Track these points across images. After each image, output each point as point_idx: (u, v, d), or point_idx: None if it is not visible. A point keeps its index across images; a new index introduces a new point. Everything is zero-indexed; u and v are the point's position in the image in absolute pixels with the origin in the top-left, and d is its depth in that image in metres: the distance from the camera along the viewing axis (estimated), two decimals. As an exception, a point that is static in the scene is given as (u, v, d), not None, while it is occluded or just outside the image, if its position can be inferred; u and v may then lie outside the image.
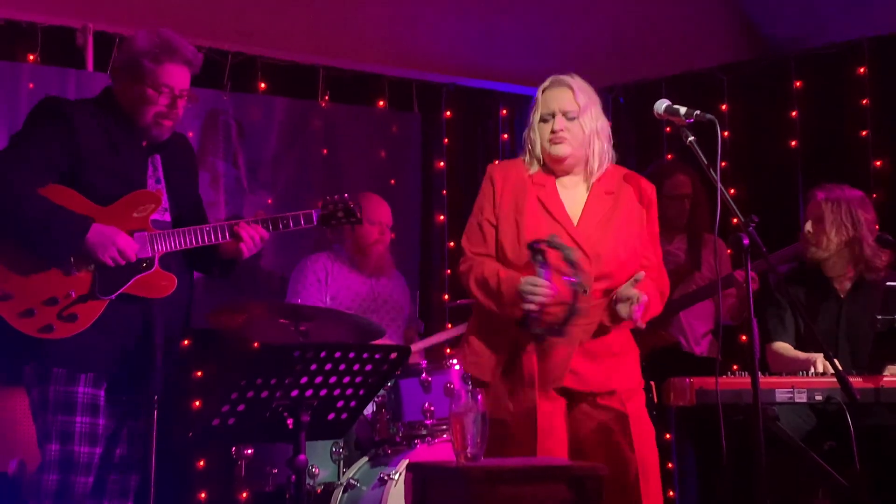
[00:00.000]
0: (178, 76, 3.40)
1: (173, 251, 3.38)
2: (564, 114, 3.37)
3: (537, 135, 3.40)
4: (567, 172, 3.42)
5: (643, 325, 3.27)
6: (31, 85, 4.82)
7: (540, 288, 3.18)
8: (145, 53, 3.37)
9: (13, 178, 3.21)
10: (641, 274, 3.28)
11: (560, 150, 3.37)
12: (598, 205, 3.39)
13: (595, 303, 3.30)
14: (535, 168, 3.42)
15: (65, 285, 3.25)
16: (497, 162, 3.50)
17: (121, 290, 3.30)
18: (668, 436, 5.12)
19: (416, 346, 4.95)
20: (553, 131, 3.36)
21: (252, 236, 3.45)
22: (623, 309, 3.25)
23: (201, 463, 5.08)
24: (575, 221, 3.36)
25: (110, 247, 3.24)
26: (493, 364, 3.35)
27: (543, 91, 3.41)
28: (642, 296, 3.24)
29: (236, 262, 3.57)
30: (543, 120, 3.39)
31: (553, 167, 3.42)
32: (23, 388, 3.38)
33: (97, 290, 3.28)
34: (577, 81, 3.41)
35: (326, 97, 5.60)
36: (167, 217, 3.45)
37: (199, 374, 5.10)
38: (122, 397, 3.37)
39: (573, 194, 3.41)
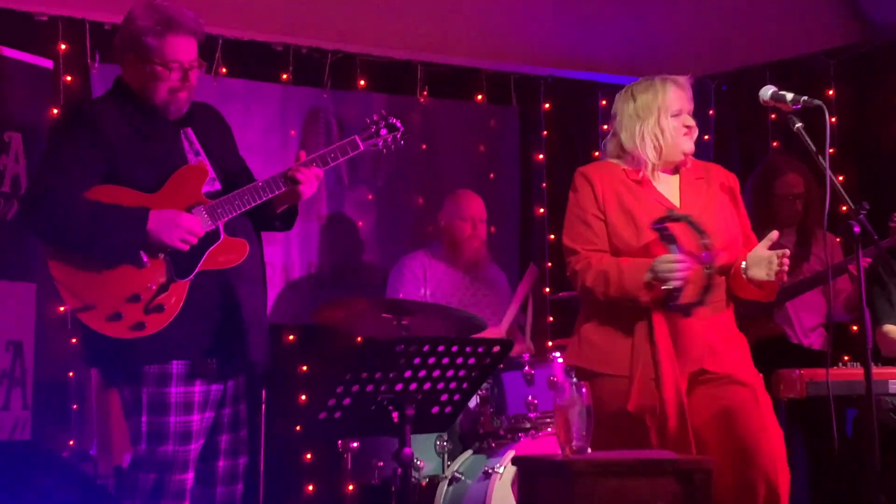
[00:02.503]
0: (184, 49, 3.29)
1: (234, 216, 3.31)
2: (689, 112, 3.44)
3: (669, 128, 3.40)
4: (671, 169, 3.46)
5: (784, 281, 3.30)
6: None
7: (677, 263, 3.20)
8: (146, 31, 3.26)
9: (58, 191, 3.16)
10: (775, 233, 3.30)
11: (691, 144, 3.44)
12: (693, 189, 3.44)
13: (717, 280, 3.32)
14: (631, 165, 3.43)
15: (142, 279, 3.20)
16: (583, 167, 3.51)
17: (197, 269, 3.24)
18: (776, 428, 5.02)
19: (501, 328, 4.91)
20: (688, 126, 3.43)
21: (308, 177, 3.36)
22: (758, 271, 3.26)
23: (308, 456, 5.16)
24: (678, 205, 3.40)
25: (175, 229, 3.18)
26: (621, 357, 3.33)
27: (662, 89, 3.43)
28: (776, 252, 3.24)
29: (296, 211, 3.52)
30: (674, 116, 3.41)
31: (668, 161, 3.44)
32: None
33: (175, 275, 3.22)
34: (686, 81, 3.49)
35: (425, 93, 5.62)
36: (217, 186, 3.37)
37: (305, 368, 5.17)
38: (215, 384, 3.32)
39: (667, 186, 3.45)
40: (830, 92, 5.49)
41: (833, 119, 5.23)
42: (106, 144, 3.23)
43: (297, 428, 5.05)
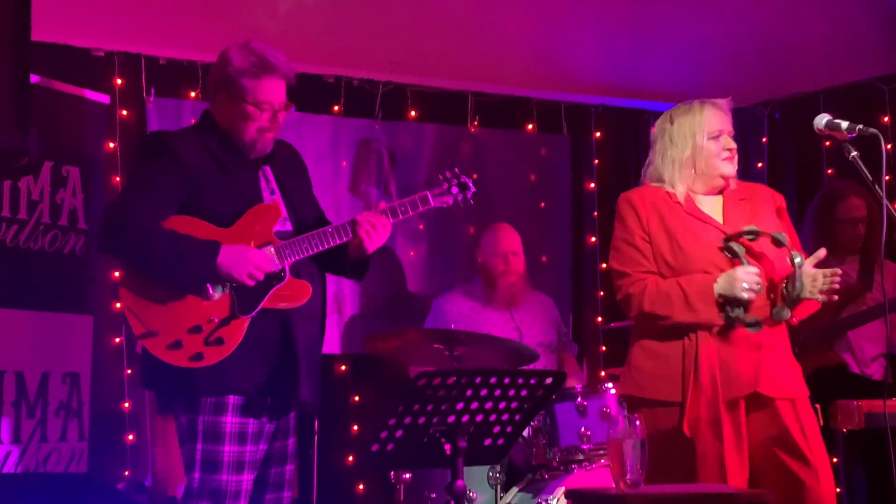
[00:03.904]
0: (277, 91, 3.40)
1: (301, 259, 3.37)
2: (729, 134, 3.43)
3: (709, 152, 3.40)
4: (716, 192, 3.45)
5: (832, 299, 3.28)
6: (192, 120, 4.98)
7: (754, 275, 3.21)
8: (242, 72, 3.37)
9: (138, 217, 3.25)
10: (822, 251, 3.29)
11: (732, 167, 3.43)
12: (737, 210, 3.43)
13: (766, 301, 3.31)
14: (671, 188, 3.43)
15: (206, 312, 3.27)
16: (625, 193, 3.51)
17: (260, 307, 3.31)
18: (835, 459, 4.95)
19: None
20: (729, 149, 3.41)
21: (373, 224, 3.39)
22: (812, 284, 3.23)
23: (361, 487, 5.15)
24: (721, 224, 3.40)
25: (245, 263, 3.25)
26: (672, 383, 3.31)
27: (700, 111, 3.42)
28: (824, 270, 3.22)
29: (368, 262, 3.55)
30: (712, 138, 3.40)
31: (709, 185, 3.44)
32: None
33: (237, 310, 3.28)
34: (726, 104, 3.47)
35: (476, 122, 5.64)
36: (288, 226, 3.43)
37: (357, 399, 5.17)
38: (268, 419, 3.36)
39: (711, 207, 3.45)
40: (886, 118, 5.43)
41: (889, 146, 5.17)
42: (187, 174, 3.32)
43: (350, 459, 5.06)
